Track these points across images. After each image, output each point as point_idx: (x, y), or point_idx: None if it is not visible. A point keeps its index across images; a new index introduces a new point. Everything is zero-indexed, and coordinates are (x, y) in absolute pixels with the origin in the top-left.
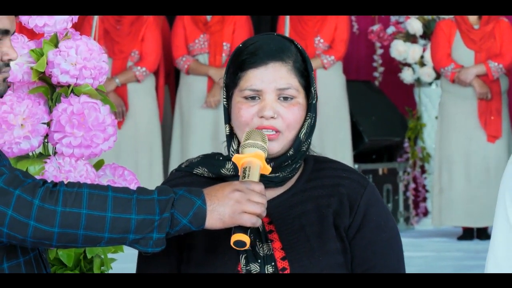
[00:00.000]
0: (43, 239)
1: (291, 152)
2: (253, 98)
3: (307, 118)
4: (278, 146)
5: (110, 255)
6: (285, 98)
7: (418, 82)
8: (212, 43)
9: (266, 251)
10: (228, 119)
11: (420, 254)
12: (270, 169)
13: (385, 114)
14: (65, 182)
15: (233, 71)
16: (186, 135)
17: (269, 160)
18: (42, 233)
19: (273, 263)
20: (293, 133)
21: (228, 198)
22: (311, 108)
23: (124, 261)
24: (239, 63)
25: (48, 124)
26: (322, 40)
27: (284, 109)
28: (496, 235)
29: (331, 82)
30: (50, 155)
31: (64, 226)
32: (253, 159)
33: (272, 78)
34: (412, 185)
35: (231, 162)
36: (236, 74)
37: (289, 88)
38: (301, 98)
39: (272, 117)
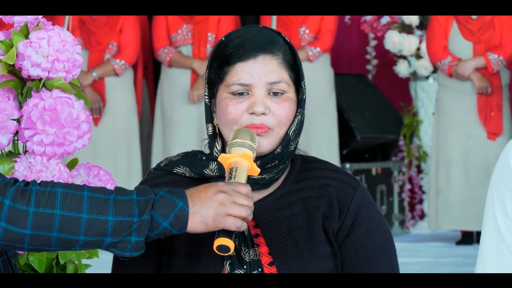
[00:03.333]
0: (14, 241)
1: (278, 150)
2: (241, 93)
3: (297, 114)
4: (268, 144)
5: (84, 261)
6: (276, 93)
7: (414, 75)
8: (196, 33)
9: (252, 256)
10: (210, 117)
11: (416, 259)
12: (258, 170)
13: (378, 110)
14: (38, 181)
15: (218, 66)
16: (169, 133)
17: (255, 158)
18: (13, 235)
19: (260, 269)
20: (283, 129)
21: (212, 200)
22: (301, 103)
23: (99, 267)
24: (225, 57)
25: (18, 120)
26: (307, 31)
27: (275, 105)
28: (485, 242)
29: (317, 76)
30: (20, 154)
31: (37, 228)
32: (240, 159)
33: (262, 71)
34: (408, 186)
35: (215, 162)
36: (222, 69)
37: (280, 82)
38: (291, 93)
39: (263, 113)
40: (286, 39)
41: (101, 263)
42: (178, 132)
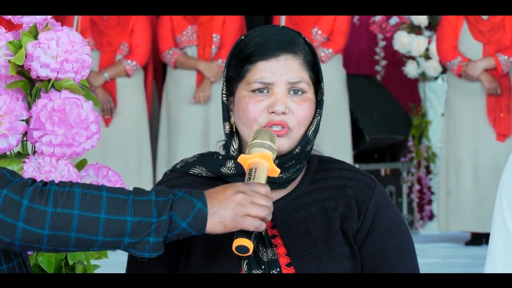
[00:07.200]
0: (32, 242)
1: (297, 150)
2: (261, 91)
3: (316, 115)
4: (287, 144)
5: (93, 262)
6: (296, 92)
7: (423, 76)
8: (201, 34)
9: (270, 255)
10: (227, 116)
11: (425, 260)
12: (278, 171)
13: (387, 110)
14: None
15: (238, 64)
16: (174, 134)
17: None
18: (31, 236)
19: (278, 269)
20: (302, 130)
21: (230, 200)
22: (319, 104)
23: (108, 268)
24: (246, 55)
25: (27, 121)
26: (320, 32)
27: (295, 105)
28: (494, 242)
29: (329, 77)
30: (29, 155)
31: (55, 228)
32: (260, 160)
33: (283, 70)
34: (417, 187)
35: (232, 161)
36: (242, 67)
37: (300, 82)
38: (310, 94)
39: (283, 113)
40: (307, 40)
41: (110, 263)
42: (183, 134)
